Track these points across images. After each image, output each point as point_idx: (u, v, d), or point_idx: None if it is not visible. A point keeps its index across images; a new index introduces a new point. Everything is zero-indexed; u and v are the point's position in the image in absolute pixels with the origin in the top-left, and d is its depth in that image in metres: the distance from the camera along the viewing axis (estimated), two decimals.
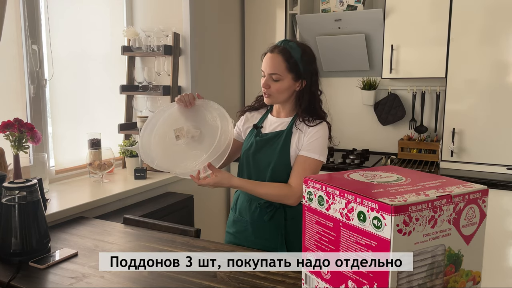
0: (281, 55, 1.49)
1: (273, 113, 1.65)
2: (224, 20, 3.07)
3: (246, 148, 1.62)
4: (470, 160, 2.63)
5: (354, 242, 0.90)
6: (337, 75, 3.36)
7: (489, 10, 2.47)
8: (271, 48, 1.53)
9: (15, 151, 1.82)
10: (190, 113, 1.60)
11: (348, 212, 0.90)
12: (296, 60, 1.49)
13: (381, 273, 0.84)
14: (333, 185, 0.94)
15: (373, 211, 0.84)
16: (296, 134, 1.54)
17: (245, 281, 1.25)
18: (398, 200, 0.83)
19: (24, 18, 2.11)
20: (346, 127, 3.39)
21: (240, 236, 1.64)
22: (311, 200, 1.01)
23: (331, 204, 0.94)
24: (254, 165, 1.59)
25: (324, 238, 0.98)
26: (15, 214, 1.39)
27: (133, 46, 2.63)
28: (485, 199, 0.93)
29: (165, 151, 1.55)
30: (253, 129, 1.64)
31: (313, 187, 1.00)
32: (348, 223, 0.90)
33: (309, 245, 1.03)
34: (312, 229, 1.01)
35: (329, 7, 3.03)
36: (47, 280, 1.29)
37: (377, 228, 0.84)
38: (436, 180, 0.99)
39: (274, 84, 1.50)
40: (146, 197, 2.39)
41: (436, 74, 2.71)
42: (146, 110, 2.70)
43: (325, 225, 0.97)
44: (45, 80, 2.23)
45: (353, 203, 0.89)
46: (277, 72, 1.49)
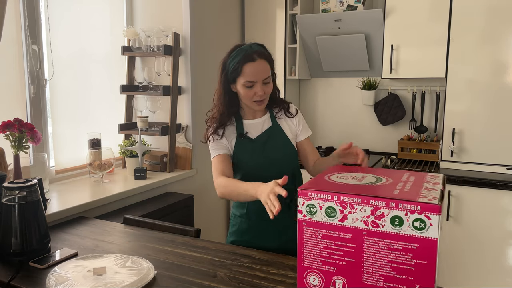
0: (264, 59, 1.51)
1: (247, 118, 1.63)
2: (224, 20, 3.07)
3: (250, 156, 1.59)
4: (470, 160, 2.63)
5: (386, 249, 0.87)
6: (337, 75, 3.36)
7: (489, 10, 2.47)
8: (249, 57, 1.48)
9: (15, 151, 1.82)
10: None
11: (376, 219, 0.87)
12: (270, 59, 1.55)
13: (425, 273, 0.84)
14: (351, 193, 0.89)
15: (413, 214, 0.83)
16: (284, 123, 1.64)
17: (245, 281, 1.25)
18: (432, 198, 0.84)
19: (24, 18, 2.11)
20: (346, 127, 3.39)
21: (258, 240, 1.61)
22: (314, 213, 0.93)
23: (349, 214, 0.89)
24: (268, 169, 1.57)
25: (338, 252, 0.92)
26: (15, 214, 1.39)
27: (133, 46, 2.63)
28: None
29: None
30: (239, 138, 1.59)
31: (318, 199, 0.92)
32: (376, 230, 0.87)
33: (310, 263, 0.96)
34: (314, 246, 0.94)
35: (329, 7, 3.03)
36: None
37: (419, 230, 0.83)
38: (404, 175, 1.04)
39: (266, 87, 1.53)
40: (146, 197, 2.39)
41: (436, 74, 2.71)
42: (146, 110, 2.70)
43: (338, 238, 0.91)
44: (45, 80, 2.23)
45: (383, 208, 0.86)
46: (268, 74, 1.52)
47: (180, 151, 2.72)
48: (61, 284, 1.19)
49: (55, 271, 1.28)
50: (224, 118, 1.58)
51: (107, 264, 1.32)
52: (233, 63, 1.49)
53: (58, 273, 1.26)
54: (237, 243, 1.66)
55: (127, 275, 1.25)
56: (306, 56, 3.29)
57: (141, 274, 1.25)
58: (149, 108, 2.67)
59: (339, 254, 0.92)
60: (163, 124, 2.68)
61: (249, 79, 1.48)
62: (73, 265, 1.32)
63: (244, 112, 1.63)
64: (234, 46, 1.54)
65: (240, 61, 1.48)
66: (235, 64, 1.48)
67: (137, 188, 2.30)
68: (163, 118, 2.74)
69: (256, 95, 1.50)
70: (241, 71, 1.48)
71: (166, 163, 2.64)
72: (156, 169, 2.65)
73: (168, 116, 2.64)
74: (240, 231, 1.67)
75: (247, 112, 1.63)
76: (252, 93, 1.50)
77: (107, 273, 1.26)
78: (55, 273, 1.26)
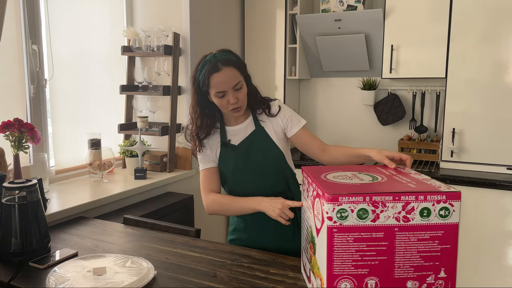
0: (230, 65, 1.46)
1: (230, 124, 1.60)
2: (224, 20, 3.07)
3: (234, 164, 1.56)
4: (470, 160, 2.63)
5: (415, 241, 0.91)
6: (337, 75, 3.36)
7: (489, 10, 2.47)
8: (213, 68, 1.44)
9: (15, 151, 1.83)
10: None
11: (406, 214, 0.90)
12: (238, 63, 1.50)
13: (449, 256, 0.92)
14: (382, 192, 0.91)
15: (439, 203, 0.90)
16: (268, 124, 1.59)
17: (245, 281, 1.25)
18: (448, 187, 0.94)
19: (24, 18, 2.11)
20: (346, 127, 3.39)
21: (256, 239, 1.61)
22: (345, 218, 0.91)
23: (381, 213, 0.91)
24: (253, 175, 1.56)
25: (370, 253, 0.92)
26: (15, 214, 1.40)
27: (133, 46, 2.63)
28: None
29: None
30: (223, 147, 1.57)
31: (350, 202, 0.91)
32: (406, 224, 0.91)
33: (341, 270, 0.93)
34: (345, 251, 0.92)
35: (329, 7, 3.03)
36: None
37: (444, 217, 0.91)
38: (385, 171, 1.15)
39: (239, 93, 1.48)
40: (146, 197, 2.39)
41: (436, 74, 2.71)
42: (146, 110, 2.70)
43: (370, 239, 0.92)
44: (45, 80, 2.23)
45: (413, 202, 0.90)
46: (238, 79, 1.47)
47: (180, 151, 2.72)
48: (61, 284, 1.19)
49: (55, 271, 1.28)
50: (203, 130, 1.56)
51: (107, 264, 1.32)
52: (201, 76, 1.46)
53: (58, 273, 1.26)
54: (236, 242, 1.66)
55: (127, 275, 1.25)
56: (306, 56, 3.29)
57: (141, 274, 1.25)
58: (149, 108, 2.67)
59: (372, 254, 0.93)
60: (163, 124, 2.68)
61: (218, 89, 1.45)
62: (73, 265, 1.32)
63: (227, 119, 1.60)
64: (201, 58, 1.50)
65: (206, 73, 1.45)
66: (203, 77, 1.46)
67: (137, 188, 2.30)
68: (163, 118, 2.74)
69: (230, 104, 1.47)
70: (209, 83, 1.45)
71: (166, 163, 2.64)
72: (156, 169, 2.65)
73: (168, 116, 2.64)
74: (238, 230, 1.67)
75: (230, 119, 1.59)
76: (226, 102, 1.47)
77: (107, 273, 1.26)
78: (55, 273, 1.26)
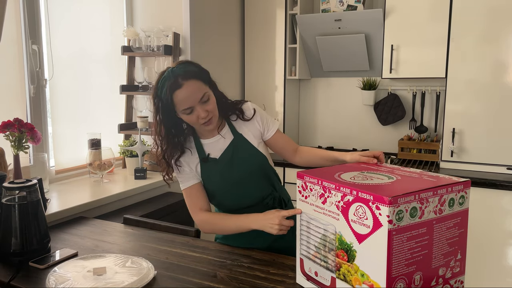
0: (191, 78, 1.37)
1: (205, 138, 1.50)
2: (224, 20, 3.07)
3: (219, 180, 1.48)
4: (470, 160, 2.63)
5: (445, 230, 0.99)
6: (337, 75, 3.36)
7: (489, 10, 2.47)
8: (174, 84, 1.34)
9: (15, 151, 1.83)
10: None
11: (441, 206, 0.97)
12: (199, 73, 1.41)
13: (463, 239, 1.03)
14: (425, 189, 0.94)
15: (459, 193, 1.00)
16: (245, 129, 1.52)
17: (245, 281, 1.25)
18: (458, 178, 1.03)
19: (24, 18, 2.11)
20: (346, 127, 3.39)
21: (254, 241, 1.53)
22: (401, 219, 0.90)
23: (425, 209, 0.94)
24: (239, 186, 1.49)
25: (417, 249, 0.94)
26: (15, 214, 1.40)
27: (133, 46, 2.63)
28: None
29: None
30: (203, 162, 1.48)
31: (405, 202, 0.90)
32: (440, 216, 0.97)
33: (398, 271, 0.93)
34: (401, 252, 0.92)
35: (329, 7, 3.03)
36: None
37: (461, 204, 1.01)
38: (393, 170, 1.17)
39: (208, 105, 1.39)
40: (146, 197, 2.39)
41: (436, 74, 2.71)
42: (146, 110, 2.70)
43: (417, 235, 0.93)
44: (45, 80, 2.24)
45: (445, 195, 0.98)
46: (204, 91, 1.38)
47: None
48: (61, 284, 1.19)
49: (55, 271, 1.28)
50: (174, 151, 1.45)
51: (107, 264, 1.32)
52: (163, 95, 1.36)
53: (58, 273, 1.26)
54: (221, 240, 1.61)
55: (127, 275, 1.25)
56: (306, 56, 3.29)
57: (141, 274, 1.25)
58: (149, 108, 2.67)
59: (418, 250, 0.95)
60: None
61: (184, 106, 1.35)
62: (73, 265, 1.32)
63: (200, 132, 1.50)
64: (159, 75, 1.41)
65: (168, 91, 1.34)
66: (165, 96, 1.35)
67: (137, 188, 2.30)
68: None
69: (200, 118, 1.38)
70: (173, 101, 1.35)
71: None
72: (156, 169, 2.65)
73: None
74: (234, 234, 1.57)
75: (203, 132, 1.49)
76: (195, 118, 1.38)
77: (107, 273, 1.26)
78: (55, 273, 1.26)
